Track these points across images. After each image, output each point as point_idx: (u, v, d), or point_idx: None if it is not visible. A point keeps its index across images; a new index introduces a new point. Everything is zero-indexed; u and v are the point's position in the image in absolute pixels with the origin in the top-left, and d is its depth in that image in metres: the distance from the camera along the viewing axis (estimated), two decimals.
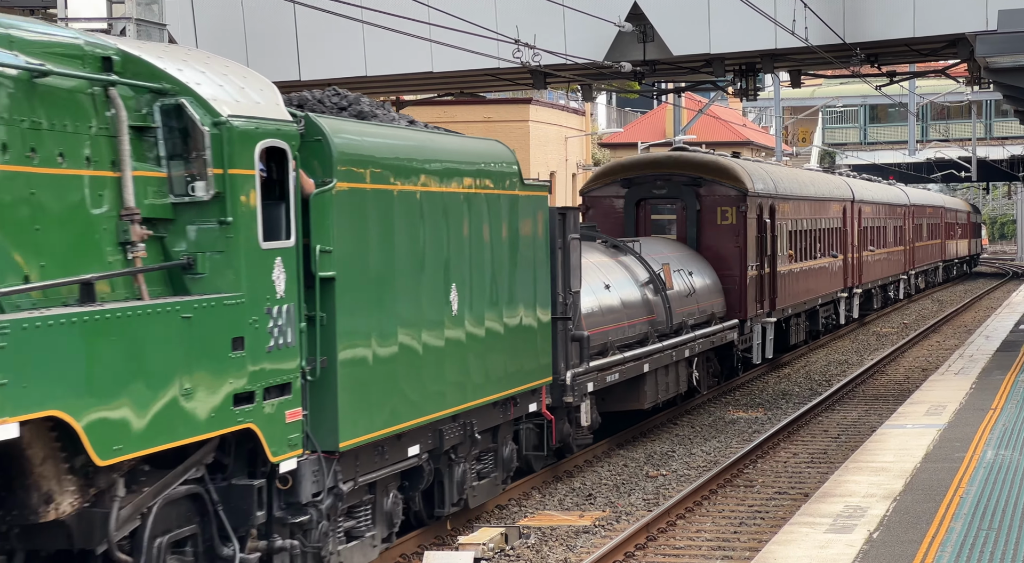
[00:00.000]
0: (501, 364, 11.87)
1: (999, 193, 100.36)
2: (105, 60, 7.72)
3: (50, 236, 7.05)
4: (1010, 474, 9.62)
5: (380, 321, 9.68)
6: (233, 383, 8.01)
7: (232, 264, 8.03)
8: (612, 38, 19.48)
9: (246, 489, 8.30)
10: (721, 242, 20.57)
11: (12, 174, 6.77)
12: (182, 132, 7.97)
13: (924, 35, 19.11)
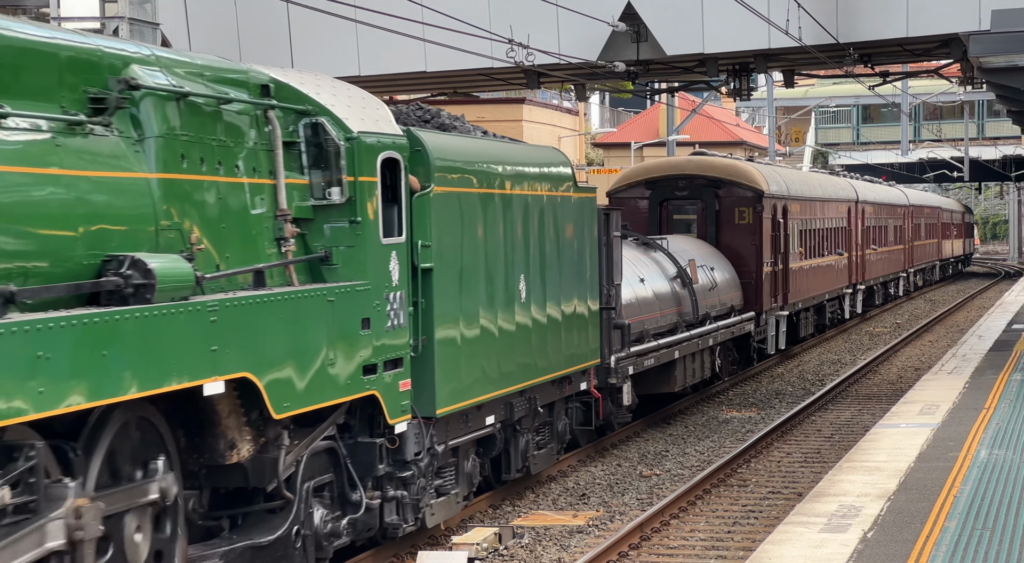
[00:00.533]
0: (559, 347, 13.53)
1: (991, 193, 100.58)
2: (264, 87, 9.37)
3: (231, 233, 8.80)
4: (1004, 473, 9.64)
5: (466, 306, 11.42)
6: (362, 356, 9.71)
7: (360, 257, 9.76)
8: (606, 38, 19.49)
9: (369, 446, 10.09)
10: (739, 240, 22.12)
11: (208, 183, 8.58)
12: (320, 146, 9.62)
13: (917, 35, 19.13)
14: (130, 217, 7.93)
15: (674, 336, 18.05)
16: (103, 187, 7.73)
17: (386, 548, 11.80)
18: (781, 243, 23.65)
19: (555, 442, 14.16)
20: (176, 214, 8.31)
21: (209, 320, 8.02)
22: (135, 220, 7.97)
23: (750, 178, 22.49)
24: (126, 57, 8.19)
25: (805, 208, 25.59)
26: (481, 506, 11.66)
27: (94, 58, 7.96)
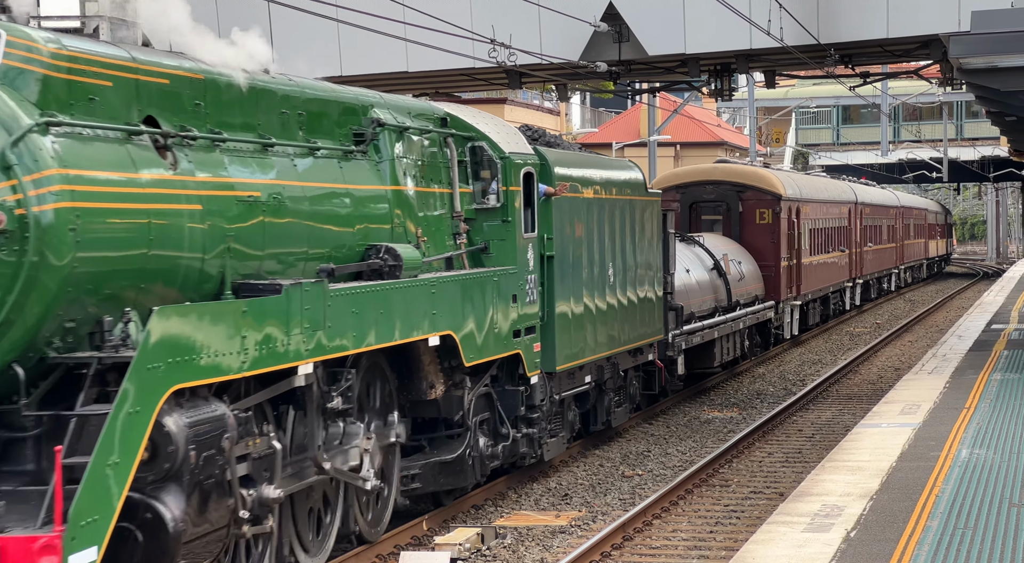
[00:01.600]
0: (635, 323, 16.58)
1: (970, 194, 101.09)
2: (443, 119, 12.49)
3: (428, 228, 11.87)
4: (985, 473, 9.67)
5: (575, 288, 14.54)
6: (512, 323, 12.85)
7: (510, 248, 12.90)
8: (587, 38, 19.49)
9: (513, 392, 13.16)
10: (760, 238, 25.21)
11: (416, 193, 11.78)
12: (480, 163, 12.76)
13: (898, 36, 19.20)
14: (378, 217, 11.01)
15: (714, 319, 21.16)
16: (364, 196, 10.79)
17: (369, 549, 11.78)
18: (795, 241, 26.57)
19: (628, 402, 17.12)
20: (401, 215, 11.40)
21: (431, 292, 11.15)
22: (381, 220, 11.06)
23: (770, 183, 25.64)
24: (370, 102, 11.27)
25: (814, 209, 28.60)
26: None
27: (355, 105, 11.00)
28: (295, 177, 9.81)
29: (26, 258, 7.43)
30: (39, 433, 7.66)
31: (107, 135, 8.12)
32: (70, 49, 8.16)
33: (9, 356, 7.53)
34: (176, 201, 8.46)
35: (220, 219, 8.89)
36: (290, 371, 9.24)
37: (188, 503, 7.88)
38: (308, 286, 9.35)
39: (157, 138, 8.51)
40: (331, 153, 10.44)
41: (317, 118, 10.40)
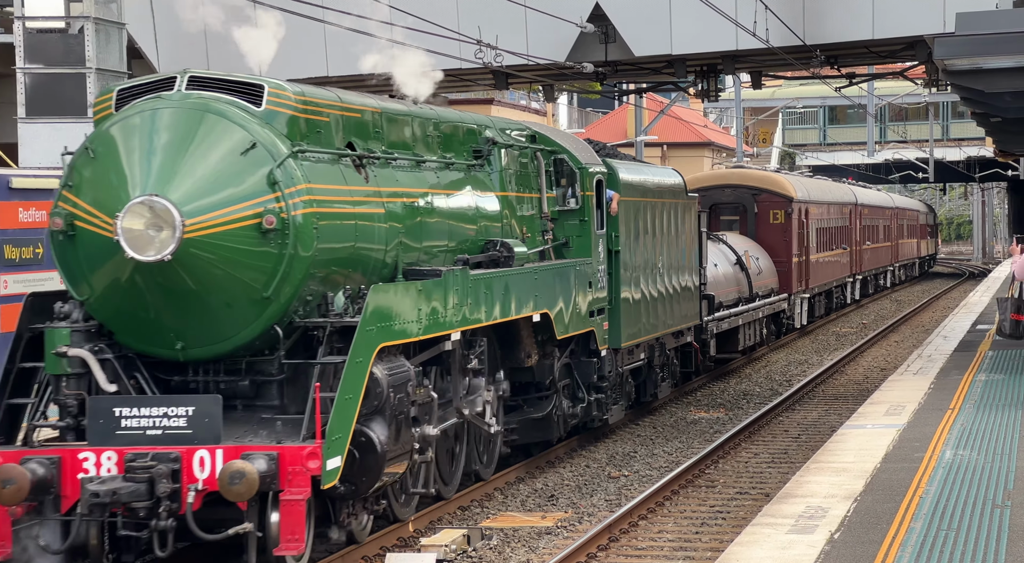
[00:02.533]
0: (677, 309, 19.00)
1: (956, 194, 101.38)
2: (532, 136, 14.95)
3: (524, 226, 14.26)
4: (968, 474, 9.70)
5: (634, 277, 17.00)
6: (588, 305, 15.25)
7: (586, 243, 15.24)
8: (574, 39, 19.52)
9: (588, 363, 15.53)
10: (773, 236, 27.80)
11: (516, 198, 14.07)
12: (562, 172, 15.16)
13: (883, 37, 19.27)
14: (493, 218, 13.51)
15: (738, 308, 23.75)
16: (483, 201, 13.39)
17: (355, 550, 11.77)
18: (804, 239, 29.25)
19: (670, 378, 19.48)
20: (508, 216, 13.91)
21: (534, 278, 13.69)
22: (494, 219, 13.55)
23: (783, 187, 28.40)
24: (484, 125, 13.88)
25: (820, 210, 31.27)
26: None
27: (474, 127, 13.57)
28: (438, 186, 12.56)
29: (286, 250, 10.03)
30: (283, 378, 10.38)
31: (328, 158, 10.77)
32: (306, 95, 10.72)
33: (271, 321, 10.15)
34: (370, 206, 11.13)
35: (395, 220, 11.50)
36: (444, 337, 11.94)
37: (388, 432, 10.42)
38: (457, 272, 12.01)
39: (356, 159, 11.19)
40: (460, 166, 13.14)
41: (449, 139, 13.13)
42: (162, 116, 10.03)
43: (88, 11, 16.99)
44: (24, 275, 15.40)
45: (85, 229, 9.96)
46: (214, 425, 9.69)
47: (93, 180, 10.01)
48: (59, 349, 10.06)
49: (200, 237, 9.80)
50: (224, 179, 9.93)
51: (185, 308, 10.05)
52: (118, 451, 9.60)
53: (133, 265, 9.80)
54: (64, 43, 17.58)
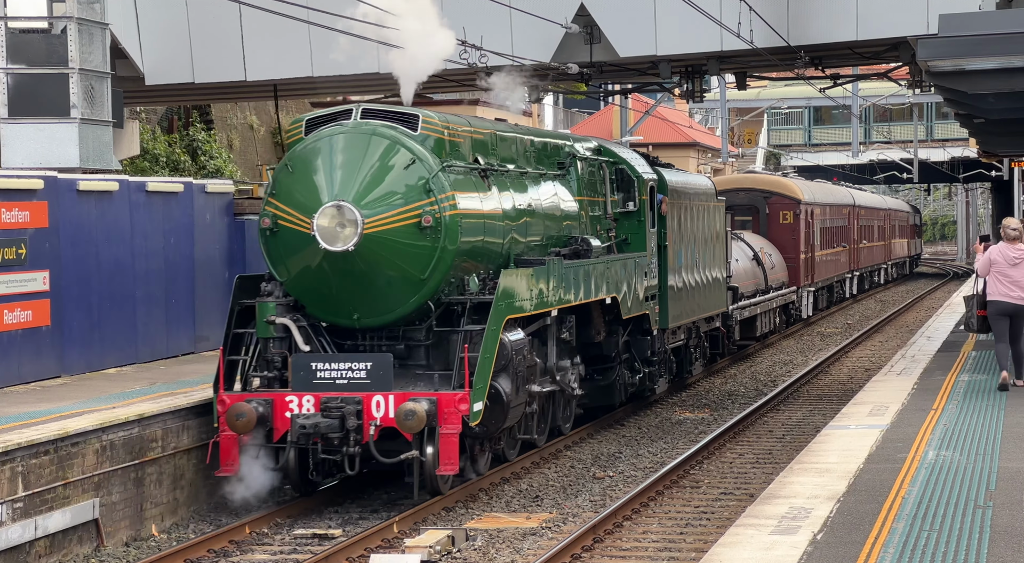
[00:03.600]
0: (709, 297, 21.81)
1: (940, 194, 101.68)
2: (597, 149, 17.91)
3: (595, 225, 17.19)
4: (951, 475, 9.73)
5: (677, 268, 19.69)
6: (644, 291, 18.09)
7: (641, 240, 18.11)
8: (559, 39, 19.50)
9: (643, 340, 18.36)
10: (783, 235, 30.90)
11: (588, 201, 17.01)
12: (622, 180, 17.93)
13: (867, 38, 19.30)
14: (574, 218, 16.37)
15: (756, 298, 26.80)
16: (566, 204, 16.27)
17: (339, 551, 11.76)
18: (810, 238, 32.49)
19: (702, 358, 22.68)
20: (584, 216, 16.83)
21: (607, 268, 16.58)
22: (574, 219, 16.43)
23: (791, 190, 31.75)
24: (566, 141, 17.04)
25: (824, 211, 34.52)
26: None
27: (559, 144, 16.76)
28: (536, 193, 15.57)
29: (438, 243, 13.21)
30: (430, 343, 13.63)
31: (464, 170, 13.87)
32: (448, 121, 13.90)
33: (425, 298, 13.37)
34: (493, 208, 14.26)
35: (508, 219, 14.58)
36: (545, 313, 14.88)
37: (512, 386, 13.52)
38: (555, 261, 14.96)
39: (481, 171, 14.23)
40: (549, 176, 16.16)
41: (540, 153, 16.21)
42: (343, 139, 13.27)
43: (71, 11, 16.90)
44: (6, 276, 15.35)
45: (286, 226, 13.19)
46: (387, 377, 12.97)
47: (292, 189, 13.20)
48: (269, 318, 13.33)
49: (375, 233, 13.03)
50: (392, 188, 13.15)
51: (361, 287, 13.24)
52: (315, 395, 12.94)
53: (323, 254, 13.02)
54: (47, 43, 17.51)
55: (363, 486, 14.33)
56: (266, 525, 13.18)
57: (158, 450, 13.35)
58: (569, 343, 16.01)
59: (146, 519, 13.14)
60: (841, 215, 37.61)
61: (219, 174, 27.08)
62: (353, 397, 12.90)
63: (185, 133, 27.53)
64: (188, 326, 19.08)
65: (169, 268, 18.57)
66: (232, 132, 30.67)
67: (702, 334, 22.37)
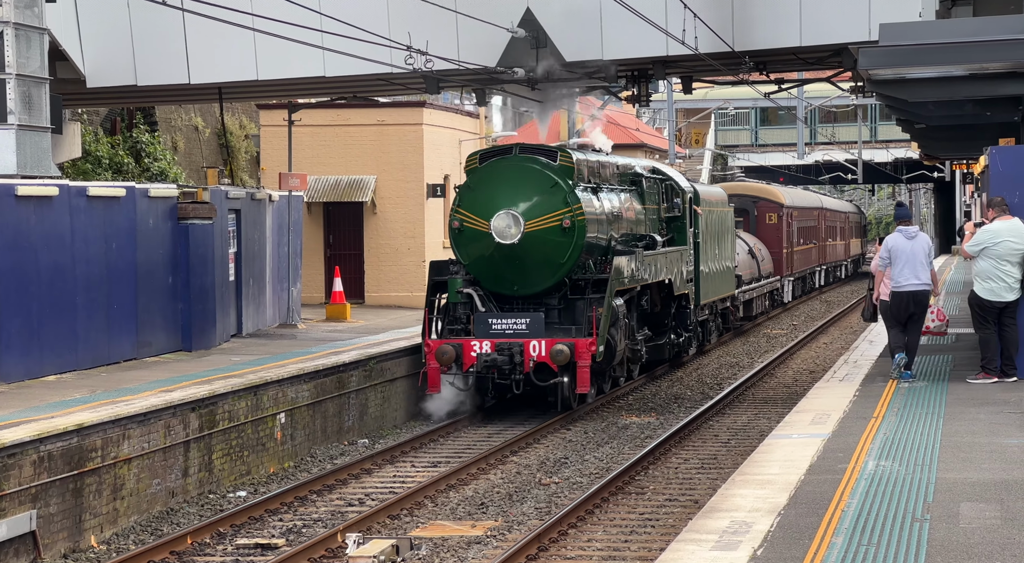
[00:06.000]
0: (724, 281, 27.84)
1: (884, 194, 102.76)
2: (652, 169, 23.76)
3: (651, 226, 22.80)
4: (889, 486, 9.81)
5: (705, 259, 25.33)
6: (686, 276, 23.75)
7: (684, 237, 23.75)
8: (505, 44, 19.48)
9: (683, 312, 23.98)
10: (769, 233, 37.43)
11: (650, 208, 22.92)
12: (670, 192, 23.64)
13: (810, 45, 19.43)
14: (642, 220, 22.23)
15: (752, 285, 32.83)
16: (638, 210, 22.14)
17: (282, 561, 11.71)
18: (791, 236, 38.94)
19: (716, 331, 28.69)
20: (647, 219, 22.47)
21: (666, 257, 22.14)
22: (642, 221, 22.22)
23: (776, 196, 38.89)
24: (635, 164, 23.04)
25: (800, 213, 41.09)
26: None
27: (630, 164, 22.79)
28: (621, 202, 21.43)
29: (572, 240, 19.26)
30: (562, 307, 19.61)
31: (585, 188, 19.93)
32: (574, 154, 20.00)
33: (562, 276, 19.42)
34: (601, 214, 20.25)
35: (609, 221, 20.60)
36: (632, 289, 20.89)
37: (618, 337, 19.96)
38: (639, 251, 20.88)
39: (594, 188, 20.30)
40: (627, 190, 22.04)
41: (621, 174, 22.17)
42: (507, 168, 19.59)
43: (8, 16, 16.63)
44: None
45: (469, 227, 19.41)
46: (540, 328, 19.11)
47: (474, 201, 19.43)
48: (460, 289, 19.44)
49: (532, 231, 19.27)
50: (543, 202, 19.38)
51: (520, 268, 19.39)
52: (491, 341, 19.01)
53: (496, 245, 19.19)
54: None
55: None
56: (208, 535, 13.08)
57: (98, 460, 13.21)
58: (644, 311, 22.02)
59: (85, 530, 13.00)
60: (812, 216, 43.79)
61: (163, 176, 26.79)
62: (517, 342, 18.93)
63: (128, 135, 27.21)
64: (131, 332, 18.89)
65: (111, 273, 18.36)
66: (177, 134, 30.37)
67: (718, 311, 28.31)
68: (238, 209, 22.82)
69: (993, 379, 14.98)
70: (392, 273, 30.24)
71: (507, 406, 20.41)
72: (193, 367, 18.10)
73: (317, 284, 29.97)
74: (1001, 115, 19.23)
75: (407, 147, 30.17)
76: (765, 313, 35.76)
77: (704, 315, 26.31)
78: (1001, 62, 15.91)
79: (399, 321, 26.05)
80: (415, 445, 17.94)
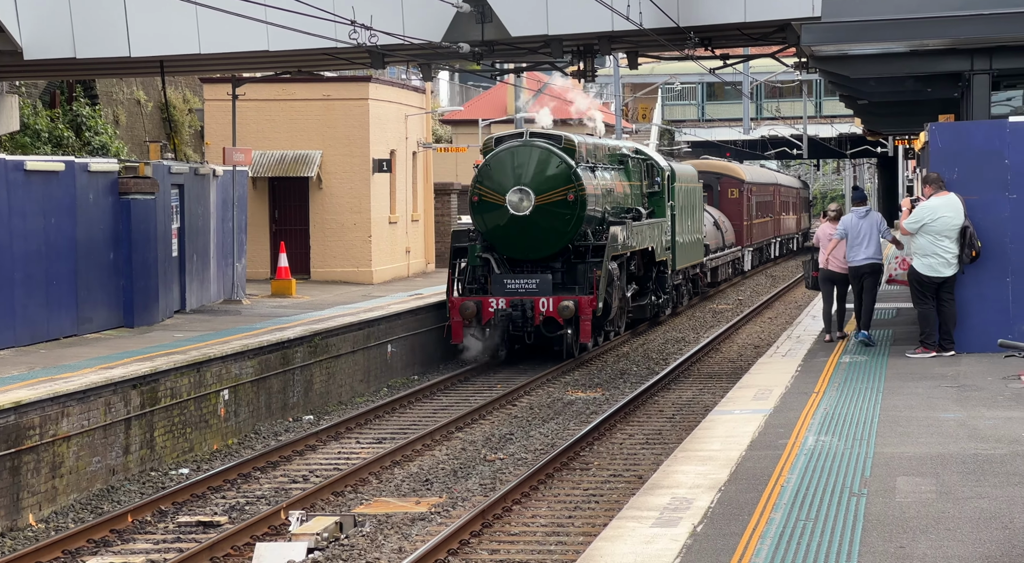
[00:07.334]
0: (695, 250, 30.82)
1: (829, 169, 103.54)
2: (636, 150, 27.15)
3: (636, 200, 26.08)
4: (828, 461, 9.90)
5: (680, 230, 28.42)
6: (664, 245, 27.12)
7: (663, 210, 27.19)
8: (450, 18, 19.34)
9: (663, 277, 27.53)
10: (732, 207, 40.45)
11: (634, 184, 26.15)
12: (651, 170, 27.10)
13: (754, 20, 19.43)
14: (629, 195, 25.43)
15: (718, 254, 35.92)
16: (626, 186, 25.37)
17: (224, 539, 11.63)
18: (750, 210, 42.07)
19: (688, 296, 31.60)
20: (632, 194, 25.70)
21: (649, 227, 25.62)
22: (629, 196, 25.48)
23: (737, 173, 41.84)
24: (623, 147, 26.34)
25: (758, 189, 44.18)
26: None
27: (618, 147, 26.11)
28: (613, 179, 24.59)
29: (575, 211, 22.27)
30: (564, 269, 22.58)
31: (585, 167, 22.88)
32: (575, 139, 22.94)
33: (565, 242, 22.45)
34: (597, 189, 23.05)
35: (604, 196, 23.48)
36: (623, 254, 23.88)
37: (614, 296, 23.23)
38: (628, 221, 24.07)
39: (591, 167, 23.27)
40: (616, 169, 25.14)
41: (611, 155, 25.15)
42: (520, 150, 22.59)
43: None
44: None
45: (487, 200, 22.39)
46: (548, 288, 22.15)
47: (490, 178, 22.50)
48: (478, 254, 22.49)
49: (541, 204, 22.25)
50: (550, 178, 22.37)
51: (530, 236, 22.30)
52: (506, 298, 22.07)
53: (510, 216, 22.22)
54: None
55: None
56: (149, 513, 12.98)
57: (36, 438, 13.05)
58: (633, 274, 25.33)
59: (23, 509, 12.86)
60: (769, 192, 46.76)
61: (104, 151, 26.43)
62: (529, 299, 22.03)
63: (68, 108, 26.80)
64: (71, 308, 18.66)
65: (50, 249, 18.11)
66: (118, 107, 29.95)
67: (689, 277, 31.50)
68: (181, 184, 22.57)
69: (932, 353, 15.17)
70: (338, 248, 30.06)
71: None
72: (135, 344, 17.92)
73: (262, 260, 29.74)
74: (941, 91, 19.39)
75: (353, 122, 29.96)
76: (728, 280, 38.96)
77: (678, 280, 29.57)
78: (941, 39, 16.03)
79: (345, 297, 25.93)
80: (360, 421, 17.90)
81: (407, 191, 32.62)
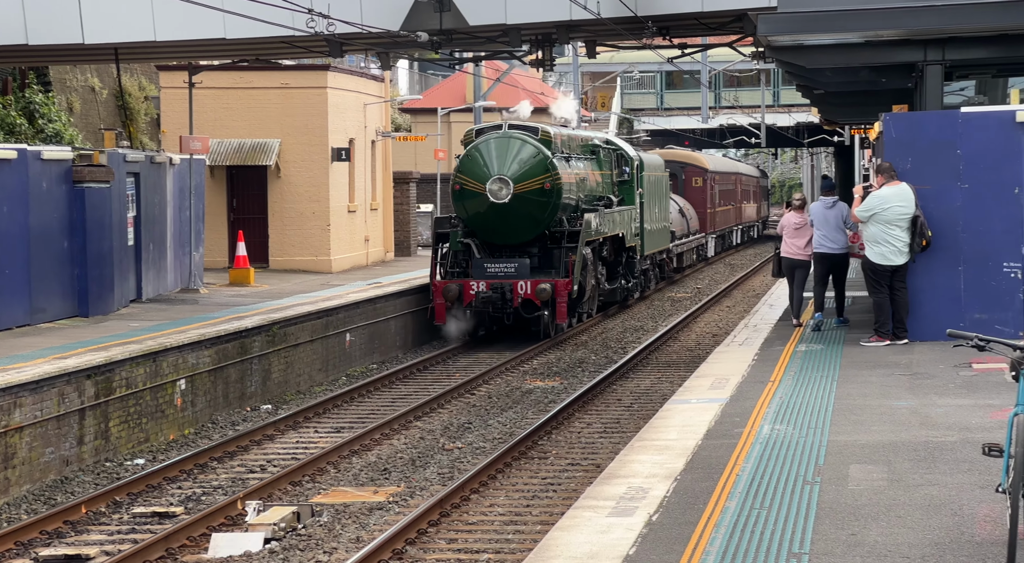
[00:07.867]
0: (662, 237, 32.48)
1: (787, 158, 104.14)
2: (607, 141, 28.76)
3: (607, 189, 27.62)
4: (783, 449, 9.97)
5: (648, 217, 29.88)
6: (634, 231, 28.59)
7: (632, 198, 28.64)
8: (408, 7, 19.27)
9: (631, 262, 28.95)
10: (696, 195, 42.09)
11: (605, 174, 27.82)
12: (621, 160, 28.61)
13: (711, 10, 19.49)
14: (601, 184, 27.06)
15: (683, 240, 37.42)
16: (597, 175, 26.99)
17: (180, 530, 11.57)
18: (714, 198, 43.80)
19: (655, 280, 32.86)
20: (605, 183, 27.42)
21: (620, 214, 27.10)
22: (602, 185, 27.12)
23: (701, 162, 43.59)
24: (595, 137, 28.59)
25: (721, 178, 45.82)
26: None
27: (591, 138, 28.09)
28: (587, 169, 25.96)
29: (552, 199, 23.61)
30: (540, 254, 23.99)
31: (560, 157, 24.37)
32: (551, 131, 24.40)
33: (542, 229, 23.75)
34: (572, 179, 24.36)
35: (578, 185, 24.88)
36: (597, 240, 25.09)
37: (589, 279, 24.69)
38: (601, 209, 25.45)
39: (566, 157, 24.77)
40: (589, 159, 26.68)
41: (583, 145, 26.56)
42: (499, 141, 23.73)
43: None
44: None
45: (468, 189, 23.48)
46: (526, 271, 23.36)
47: (471, 168, 23.58)
48: (460, 239, 23.60)
49: (519, 192, 23.34)
50: (528, 168, 23.52)
51: (509, 222, 23.45)
52: (486, 281, 23.16)
53: (490, 204, 23.28)
54: None
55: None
56: (103, 504, 12.90)
57: None
58: (604, 259, 26.43)
59: None
60: (731, 181, 48.33)
61: (58, 138, 26.15)
62: (508, 282, 23.14)
63: (21, 95, 26.49)
64: (23, 297, 18.47)
65: (1, 238, 17.91)
66: (72, 95, 29.64)
67: (657, 262, 33.00)
68: (137, 172, 22.38)
69: (885, 342, 15.30)
70: (297, 237, 29.92)
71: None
72: (90, 333, 17.78)
73: (220, 248, 29.55)
74: (895, 82, 19.54)
75: (311, 110, 29.79)
76: (692, 266, 40.45)
77: (647, 265, 31.03)
78: (895, 30, 16.14)
79: (304, 286, 25.82)
80: (319, 410, 17.86)
81: (366, 180, 32.51)
